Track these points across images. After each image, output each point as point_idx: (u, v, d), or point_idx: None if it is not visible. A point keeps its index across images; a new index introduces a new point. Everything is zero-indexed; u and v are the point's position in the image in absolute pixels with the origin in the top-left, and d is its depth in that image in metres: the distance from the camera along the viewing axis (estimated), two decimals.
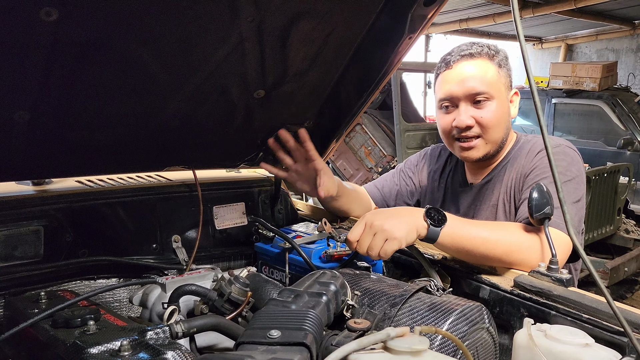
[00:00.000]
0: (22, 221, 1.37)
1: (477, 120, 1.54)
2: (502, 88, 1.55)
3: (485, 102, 1.53)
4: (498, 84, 1.54)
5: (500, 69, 1.55)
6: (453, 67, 1.55)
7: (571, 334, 0.93)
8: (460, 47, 1.58)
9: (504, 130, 1.57)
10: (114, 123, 1.34)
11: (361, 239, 1.27)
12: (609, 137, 6.82)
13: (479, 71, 1.53)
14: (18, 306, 1.19)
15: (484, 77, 1.52)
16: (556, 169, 1.01)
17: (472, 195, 1.67)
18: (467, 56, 1.54)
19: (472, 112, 1.54)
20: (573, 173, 1.47)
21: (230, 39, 1.26)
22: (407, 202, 1.86)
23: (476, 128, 1.54)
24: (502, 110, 1.55)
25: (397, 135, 5.69)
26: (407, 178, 1.87)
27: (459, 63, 1.55)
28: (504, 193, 1.57)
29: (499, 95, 1.54)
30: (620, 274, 4.48)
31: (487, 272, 1.30)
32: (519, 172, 1.55)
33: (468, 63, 1.54)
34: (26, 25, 0.99)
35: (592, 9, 7.87)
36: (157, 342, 0.96)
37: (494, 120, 1.54)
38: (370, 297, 1.13)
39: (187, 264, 1.55)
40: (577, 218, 1.44)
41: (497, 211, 1.58)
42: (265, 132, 1.65)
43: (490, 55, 1.55)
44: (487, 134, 1.55)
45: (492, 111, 1.53)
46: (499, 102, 1.54)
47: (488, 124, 1.54)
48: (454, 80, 1.55)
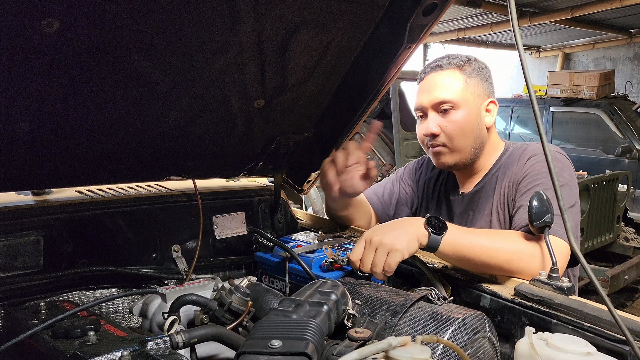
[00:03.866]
0: (21, 231, 1.37)
1: (442, 128, 1.58)
2: (469, 97, 1.58)
3: (450, 111, 1.57)
4: (465, 93, 1.57)
5: (470, 78, 1.59)
6: (424, 78, 1.63)
7: (573, 342, 0.93)
8: (435, 60, 1.66)
9: (471, 138, 1.59)
10: (114, 133, 1.34)
11: (363, 257, 1.27)
12: (607, 145, 6.84)
13: (445, 81, 1.58)
14: (18, 317, 1.19)
15: (449, 86, 1.57)
16: (556, 177, 1.01)
17: (463, 205, 1.68)
18: (435, 67, 1.62)
19: (439, 120, 1.58)
20: (565, 179, 1.48)
21: (230, 49, 1.26)
22: (406, 210, 1.85)
23: (442, 136, 1.58)
24: (469, 119, 1.58)
25: (396, 144, 5.70)
26: (407, 185, 1.87)
27: (428, 75, 1.62)
28: (497, 202, 1.58)
29: (465, 104, 1.57)
30: (620, 282, 4.46)
31: (488, 281, 1.30)
32: (511, 180, 1.56)
33: (436, 74, 1.61)
34: (28, 36, 1.00)
35: (589, 18, 7.92)
36: (158, 352, 0.96)
37: (458, 128, 1.57)
38: (371, 306, 1.13)
39: (187, 274, 1.54)
40: (573, 223, 1.43)
41: (492, 220, 1.58)
42: (265, 142, 1.65)
43: (459, 65, 1.60)
44: (451, 142, 1.59)
45: (457, 120, 1.57)
46: (465, 111, 1.57)
47: (452, 132, 1.57)
48: (423, 90, 1.62)
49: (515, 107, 7.76)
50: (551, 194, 1.27)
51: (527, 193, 1.47)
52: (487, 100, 1.62)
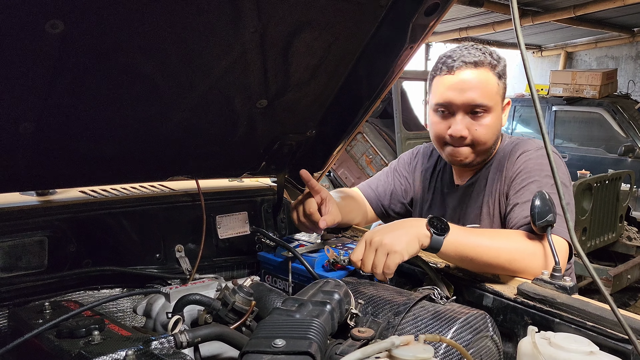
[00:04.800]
0: (26, 232, 1.38)
1: (471, 131, 1.51)
2: (499, 100, 1.53)
3: (482, 115, 1.50)
4: (496, 96, 1.52)
5: (500, 79, 1.52)
6: (455, 73, 1.50)
7: (575, 341, 0.93)
8: (462, 51, 1.52)
9: (494, 140, 1.57)
10: (117, 134, 1.35)
11: (364, 257, 1.28)
12: (609, 145, 6.82)
13: (480, 82, 1.49)
14: (22, 317, 1.19)
15: (485, 88, 1.49)
16: (558, 176, 1.01)
17: (458, 197, 1.66)
18: (470, 64, 1.49)
19: (468, 123, 1.51)
20: (560, 177, 1.47)
21: (233, 50, 1.27)
22: (402, 201, 1.84)
23: (469, 139, 1.52)
24: (497, 122, 1.54)
25: (398, 144, 5.69)
26: (402, 177, 1.85)
27: (461, 70, 1.49)
28: (488, 195, 1.57)
29: (496, 107, 1.52)
30: (623, 281, 4.45)
31: (491, 281, 1.30)
32: (504, 175, 1.54)
33: (471, 72, 1.49)
34: (32, 37, 1.00)
35: (592, 17, 7.90)
36: (162, 352, 0.96)
37: (489, 132, 1.52)
38: (374, 306, 1.13)
39: (190, 274, 1.55)
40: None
41: (482, 213, 1.57)
42: (268, 142, 1.65)
43: (492, 65, 1.51)
44: (478, 145, 1.54)
45: (488, 125, 1.51)
46: (495, 115, 1.52)
47: (482, 137, 1.52)
48: (455, 87, 1.50)
49: (517, 107, 7.75)
50: (548, 192, 1.28)
51: (521, 191, 1.46)
52: (505, 101, 1.59)
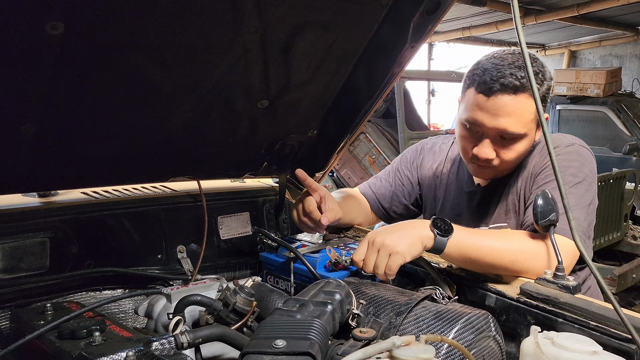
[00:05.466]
0: (28, 233, 1.38)
1: (499, 154, 1.45)
2: (534, 126, 1.43)
3: (513, 141, 1.42)
4: (532, 123, 1.42)
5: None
6: (491, 96, 1.38)
7: (579, 341, 0.92)
8: (504, 70, 1.37)
9: (521, 159, 1.51)
10: (118, 134, 1.35)
11: (366, 258, 1.27)
12: (614, 143, 6.78)
13: (517, 110, 1.37)
14: (24, 318, 1.20)
15: (520, 117, 1.38)
16: (559, 174, 1.00)
17: (480, 197, 1.62)
18: (510, 89, 1.36)
19: (497, 146, 1.44)
20: (584, 174, 1.43)
21: (234, 50, 1.27)
22: (404, 202, 1.80)
23: (495, 161, 1.46)
24: (528, 145, 1.46)
25: (400, 144, 5.68)
26: (403, 177, 1.80)
27: (498, 95, 1.37)
28: (514, 194, 1.53)
29: (530, 132, 1.43)
30: (628, 280, 4.43)
31: (493, 280, 1.30)
32: (530, 171, 1.51)
33: (509, 98, 1.36)
34: (32, 39, 1.00)
35: (595, 15, 7.87)
36: (163, 352, 0.96)
37: (517, 157, 1.46)
38: (376, 306, 1.13)
39: (192, 274, 1.55)
40: (586, 222, 1.40)
41: (509, 212, 1.54)
42: (269, 142, 1.65)
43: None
44: (504, 167, 1.49)
45: (517, 150, 1.44)
46: (527, 140, 1.44)
47: (508, 160, 1.46)
48: (488, 111, 1.39)
49: None
50: (567, 190, 1.22)
51: (543, 186, 1.43)
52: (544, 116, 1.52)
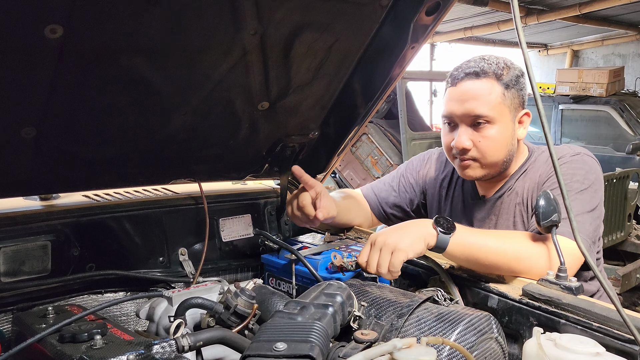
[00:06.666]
0: (29, 236, 1.38)
1: (475, 143, 1.48)
2: (506, 111, 1.48)
3: (485, 126, 1.46)
4: (502, 107, 1.46)
5: (508, 90, 1.47)
6: (457, 85, 1.48)
7: (582, 343, 0.92)
8: (469, 62, 1.50)
9: (504, 153, 1.51)
10: (119, 137, 1.35)
11: (369, 258, 1.28)
12: (617, 143, 6.76)
13: (481, 92, 1.45)
14: (26, 321, 1.20)
15: (486, 99, 1.45)
16: (563, 180, 1.00)
17: (485, 209, 1.62)
18: (472, 75, 1.46)
19: (471, 134, 1.48)
20: (590, 181, 1.45)
21: (234, 52, 1.27)
22: (405, 209, 1.80)
23: (473, 151, 1.48)
24: (504, 134, 1.48)
25: (403, 145, 5.68)
26: (407, 184, 1.80)
27: (463, 81, 1.47)
28: (521, 205, 1.54)
29: (501, 118, 1.47)
30: (632, 280, 4.42)
31: (495, 281, 1.29)
32: (535, 181, 1.52)
33: (472, 82, 1.46)
34: (31, 42, 1.00)
35: (598, 14, 7.86)
36: (164, 356, 0.96)
37: (492, 144, 1.47)
38: (377, 308, 1.13)
39: (193, 277, 1.55)
40: (591, 227, 1.42)
41: (516, 223, 1.54)
42: (270, 144, 1.65)
43: (497, 74, 1.46)
44: (484, 158, 1.49)
45: (491, 136, 1.47)
46: (500, 126, 1.47)
47: (485, 149, 1.48)
48: (456, 99, 1.48)
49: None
50: (570, 196, 1.23)
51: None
52: (521, 112, 1.52)
